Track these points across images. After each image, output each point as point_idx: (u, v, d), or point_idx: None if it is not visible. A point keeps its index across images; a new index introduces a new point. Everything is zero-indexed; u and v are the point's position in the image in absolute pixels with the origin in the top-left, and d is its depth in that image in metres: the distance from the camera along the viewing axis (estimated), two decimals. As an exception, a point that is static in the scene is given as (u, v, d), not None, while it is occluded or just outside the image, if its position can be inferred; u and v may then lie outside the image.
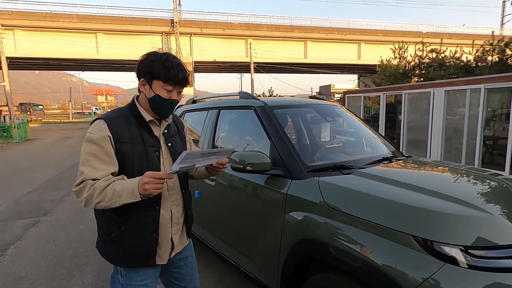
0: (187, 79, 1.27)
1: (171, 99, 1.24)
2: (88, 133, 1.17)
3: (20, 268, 2.83)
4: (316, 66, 29.51)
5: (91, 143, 1.15)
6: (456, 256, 1.12)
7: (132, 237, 1.22)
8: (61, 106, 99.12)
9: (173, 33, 24.34)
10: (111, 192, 1.08)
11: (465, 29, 29.32)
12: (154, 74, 1.20)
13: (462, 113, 6.86)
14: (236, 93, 2.51)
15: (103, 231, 1.28)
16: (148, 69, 1.20)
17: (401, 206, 1.31)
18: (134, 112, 1.26)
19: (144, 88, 1.24)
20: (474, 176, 1.84)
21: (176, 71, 1.21)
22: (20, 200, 5.04)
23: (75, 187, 1.13)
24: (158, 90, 1.21)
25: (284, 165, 1.78)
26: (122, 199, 1.07)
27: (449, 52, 12.72)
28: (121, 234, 1.22)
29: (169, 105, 1.25)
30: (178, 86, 1.25)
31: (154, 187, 1.05)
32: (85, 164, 1.13)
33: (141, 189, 1.06)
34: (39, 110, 39.86)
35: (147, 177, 1.05)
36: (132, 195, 1.07)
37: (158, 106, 1.24)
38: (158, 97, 1.22)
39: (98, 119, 1.20)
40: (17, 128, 15.59)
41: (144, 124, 1.25)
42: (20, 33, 22.11)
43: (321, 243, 1.45)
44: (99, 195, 1.08)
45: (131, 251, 1.23)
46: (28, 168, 7.86)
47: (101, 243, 1.29)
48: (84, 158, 1.14)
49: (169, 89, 1.22)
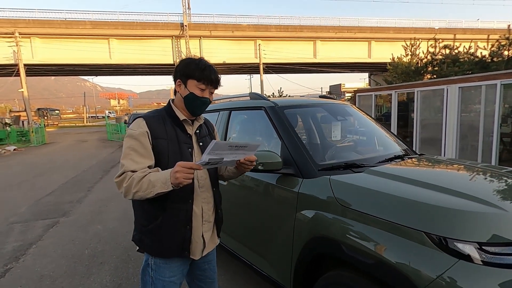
0: (219, 81, 1.37)
1: (203, 97, 1.33)
2: (129, 130, 1.29)
3: (42, 267, 2.95)
4: (326, 66, 29.30)
5: (131, 138, 1.26)
6: (470, 253, 1.12)
7: (168, 228, 1.30)
8: (76, 111, 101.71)
9: (183, 37, 24.67)
10: (147, 182, 1.15)
11: (479, 24, 28.53)
12: (189, 74, 1.31)
13: (477, 110, 6.69)
14: (247, 94, 2.54)
15: (140, 223, 1.36)
16: (184, 70, 1.32)
17: (413, 203, 1.31)
18: (170, 113, 1.37)
19: (179, 88, 1.35)
20: (490, 174, 1.82)
21: (209, 72, 1.31)
22: (40, 201, 5.22)
23: (116, 178, 1.22)
24: (192, 89, 1.32)
25: (295, 164, 1.80)
26: (156, 189, 1.14)
27: (463, 48, 12.41)
28: (158, 226, 1.30)
29: (201, 103, 1.34)
30: (211, 86, 1.35)
31: (184, 176, 1.10)
32: (125, 158, 1.24)
33: (173, 178, 1.11)
34: (55, 115, 41.11)
35: (178, 166, 1.11)
36: (165, 184, 1.13)
37: (192, 104, 1.34)
38: (192, 95, 1.32)
39: (138, 117, 1.33)
40: (35, 132, 16.11)
41: (178, 123, 1.36)
42: (37, 40, 22.88)
43: (333, 241, 1.47)
44: (136, 185, 1.16)
45: (167, 241, 1.31)
46: (46, 171, 8.13)
47: (138, 235, 1.37)
48: (125, 152, 1.25)
49: (202, 88, 1.32)
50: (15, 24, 21.62)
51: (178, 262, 1.38)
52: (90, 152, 11.97)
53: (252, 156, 1.31)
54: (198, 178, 1.37)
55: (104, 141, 16.45)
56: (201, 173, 1.39)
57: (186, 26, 24.30)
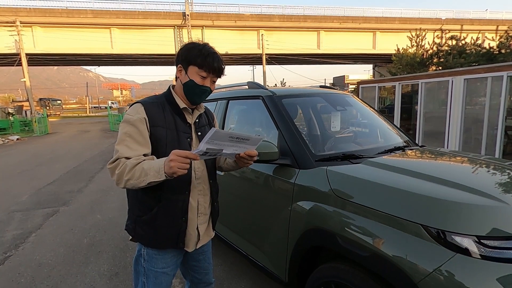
0: (222, 70, 1.29)
1: (203, 86, 1.26)
2: (126, 115, 1.23)
3: (41, 255, 2.97)
4: (329, 57, 28.95)
5: (128, 124, 1.20)
6: (468, 247, 1.09)
7: (163, 220, 1.26)
8: (79, 101, 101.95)
9: (185, 26, 24.38)
10: (140, 170, 1.10)
11: (488, 14, 27.88)
12: (190, 60, 1.24)
13: (482, 102, 6.57)
14: (245, 83, 2.49)
15: (135, 214, 1.32)
16: (186, 55, 1.25)
17: (411, 195, 1.27)
18: (169, 99, 1.31)
19: (180, 74, 1.28)
20: (493, 166, 1.77)
21: (212, 59, 1.24)
22: (41, 191, 5.25)
23: (109, 164, 1.16)
24: (192, 76, 1.25)
25: (292, 154, 1.76)
26: (148, 178, 1.08)
27: (470, 39, 12.15)
28: (153, 216, 1.26)
29: (201, 92, 1.27)
30: (212, 75, 1.27)
31: (179, 166, 1.03)
32: (120, 143, 1.18)
33: (167, 166, 1.05)
34: (57, 105, 41.13)
35: (173, 155, 1.04)
36: (158, 173, 1.07)
37: (191, 92, 1.27)
38: (192, 82, 1.25)
39: (136, 103, 1.26)
40: (38, 122, 16.16)
41: (178, 111, 1.30)
42: (38, 29, 22.73)
43: (329, 233, 1.44)
44: (128, 172, 1.10)
45: (162, 232, 1.27)
46: (48, 161, 8.17)
47: (132, 225, 1.33)
48: (121, 137, 1.19)
49: (203, 75, 1.24)
50: (16, 12, 21.46)
51: (171, 253, 1.35)
52: (92, 142, 12.00)
53: (253, 151, 1.23)
54: (195, 169, 1.32)
55: (107, 132, 16.48)
56: (198, 164, 1.34)
57: (188, 16, 23.99)
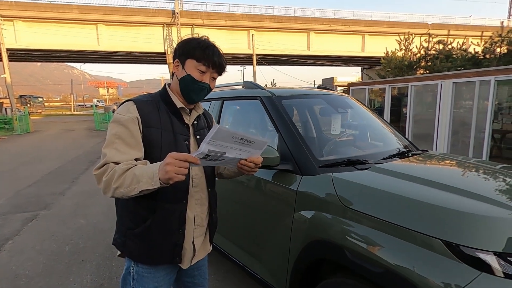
0: (224, 67, 1.18)
1: (202, 82, 1.13)
2: (115, 114, 1.10)
3: (17, 265, 2.75)
4: (319, 58, 29.11)
5: (118, 124, 1.06)
6: (492, 264, 1.00)
7: (159, 232, 1.13)
8: (63, 99, 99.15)
9: (174, 24, 23.98)
10: (131, 177, 0.95)
11: (472, 20, 28.72)
12: (188, 53, 1.13)
13: (467, 106, 6.69)
14: (241, 83, 2.37)
15: (125, 226, 1.17)
16: (183, 49, 1.14)
17: (426, 206, 1.17)
18: (165, 98, 1.18)
19: (177, 69, 1.17)
20: (504, 174, 1.70)
21: (211, 52, 1.13)
22: (20, 193, 4.96)
23: (96, 170, 1.02)
24: (190, 70, 1.13)
25: (293, 159, 1.65)
26: (141, 185, 0.94)
27: (456, 44, 12.43)
28: (147, 229, 1.12)
29: (199, 88, 1.14)
30: (212, 70, 1.15)
31: (176, 170, 0.89)
32: (109, 146, 1.04)
33: (162, 171, 0.91)
34: (38, 103, 39.71)
35: (170, 158, 0.90)
36: (152, 180, 0.93)
37: (188, 88, 1.14)
38: (189, 77, 1.13)
39: (128, 101, 1.14)
40: (19, 120, 15.52)
41: (174, 111, 1.17)
42: (20, 24, 21.85)
43: (335, 245, 1.33)
44: (118, 179, 0.96)
45: (156, 246, 1.14)
46: (29, 161, 7.79)
47: (122, 239, 1.18)
48: (109, 140, 1.05)
49: (202, 70, 1.13)
50: (-4, 6, 20.58)
51: (164, 271, 1.21)
52: (77, 142, 11.58)
53: (258, 158, 1.11)
54: (192, 176, 1.18)
55: (92, 131, 15.98)
56: (196, 170, 1.20)
57: (177, 14, 23.61)
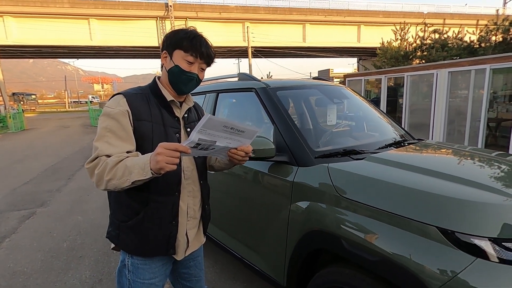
0: (212, 57, 1.18)
1: (190, 72, 1.14)
2: (105, 107, 1.10)
3: (15, 262, 2.74)
4: (315, 50, 28.93)
5: (108, 117, 1.07)
6: (487, 250, 1.01)
7: (152, 224, 1.14)
8: (57, 95, 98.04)
9: (167, 18, 23.62)
10: (123, 168, 0.97)
11: (467, 9, 28.61)
12: (176, 43, 1.13)
13: (463, 95, 6.70)
14: (235, 75, 2.34)
15: (118, 219, 1.17)
16: (171, 40, 1.14)
17: (425, 194, 1.17)
18: (155, 91, 1.18)
19: (165, 61, 1.17)
20: (499, 161, 1.70)
21: (199, 43, 1.12)
22: (16, 191, 4.92)
23: (88, 164, 1.04)
24: (178, 61, 1.13)
25: (289, 151, 1.64)
26: (133, 176, 0.95)
27: (452, 33, 12.40)
28: (140, 222, 1.13)
29: (188, 79, 1.15)
30: (201, 60, 1.15)
31: (167, 160, 0.90)
32: (100, 140, 1.06)
33: (153, 161, 0.92)
34: (32, 100, 39.34)
35: (161, 147, 0.91)
36: (143, 170, 0.94)
37: (176, 79, 1.15)
38: (177, 68, 1.13)
39: (117, 94, 1.14)
40: (13, 118, 15.35)
41: (165, 104, 1.18)
42: (10, 19, 21.39)
43: (332, 235, 1.34)
44: (110, 171, 0.97)
45: (150, 238, 1.15)
46: (25, 158, 7.72)
47: (115, 232, 1.18)
48: (100, 133, 1.07)
49: (189, 61, 1.13)
50: (-16, 1, 20.10)
51: (159, 262, 1.22)
52: (72, 138, 11.49)
53: (248, 147, 1.11)
54: (183, 168, 1.19)
55: (87, 127, 15.85)
56: (187, 163, 1.21)
57: (171, 7, 23.23)
